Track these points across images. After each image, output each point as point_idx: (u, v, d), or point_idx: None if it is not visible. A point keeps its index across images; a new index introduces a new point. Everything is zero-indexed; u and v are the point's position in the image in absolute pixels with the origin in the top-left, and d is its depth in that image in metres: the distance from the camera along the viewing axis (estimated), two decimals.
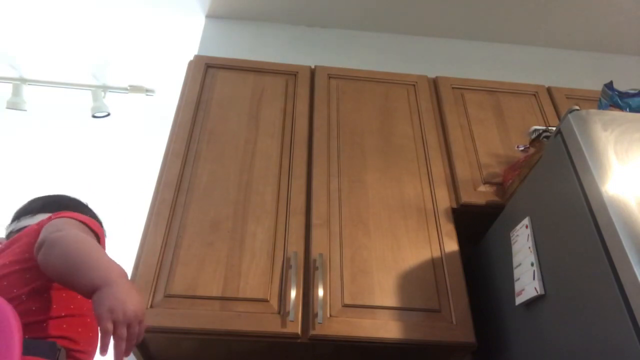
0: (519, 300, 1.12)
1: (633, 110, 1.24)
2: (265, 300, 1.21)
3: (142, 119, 3.07)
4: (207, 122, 1.58)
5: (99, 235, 1.05)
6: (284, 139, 1.57)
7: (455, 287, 1.30)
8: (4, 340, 0.63)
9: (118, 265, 0.88)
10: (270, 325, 1.17)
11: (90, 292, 0.82)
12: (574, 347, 0.93)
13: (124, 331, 0.78)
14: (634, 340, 0.78)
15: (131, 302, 0.81)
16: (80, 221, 1.03)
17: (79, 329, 0.99)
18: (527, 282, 1.09)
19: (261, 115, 1.63)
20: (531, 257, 1.09)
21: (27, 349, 0.79)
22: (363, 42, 2.42)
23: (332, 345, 1.24)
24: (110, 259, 0.90)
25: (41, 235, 0.95)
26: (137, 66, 2.87)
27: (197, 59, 1.79)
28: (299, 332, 1.17)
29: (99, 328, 0.78)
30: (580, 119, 1.02)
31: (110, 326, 0.77)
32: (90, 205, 1.32)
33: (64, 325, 0.96)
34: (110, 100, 3.01)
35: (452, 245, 1.38)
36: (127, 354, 0.81)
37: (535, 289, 1.05)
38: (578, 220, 0.95)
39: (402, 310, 1.24)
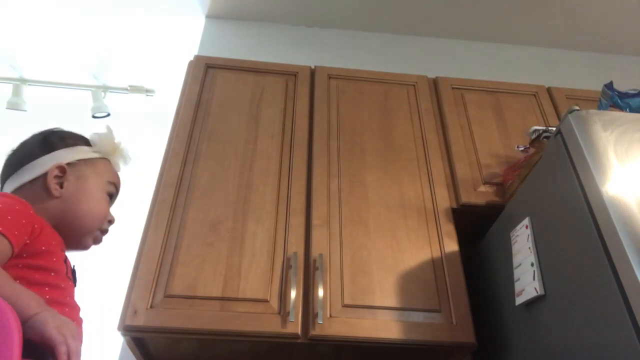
0: (519, 300, 1.12)
1: (633, 110, 1.24)
2: (265, 301, 1.21)
3: (142, 119, 3.06)
4: (207, 122, 1.58)
5: (7, 236, 0.79)
6: (284, 139, 1.57)
7: (455, 287, 1.30)
8: (4, 342, 0.63)
9: (35, 295, 0.77)
10: (270, 325, 1.17)
11: (22, 323, 0.71)
12: (574, 347, 0.93)
13: (77, 344, 0.73)
14: (634, 340, 0.78)
15: (68, 321, 0.76)
16: None
17: None
18: (527, 282, 1.09)
19: (261, 115, 1.63)
20: (531, 258, 1.09)
21: (26, 351, 0.79)
22: (363, 42, 2.42)
23: (332, 345, 1.24)
24: (24, 289, 0.76)
25: None
26: (137, 66, 2.87)
27: (197, 59, 1.79)
28: (299, 332, 1.17)
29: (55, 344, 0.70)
30: (580, 119, 1.02)
31: (62, 339, 0.70)
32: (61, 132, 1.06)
33: None
34: (110, 100, 3.01)
35: (452, 245, 1.38)
36: None
37: (535, 289, 1.05)
38: (578, 220, 0.95)
39: (402, 310, 1.24)
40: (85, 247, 1.04)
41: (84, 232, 1.01)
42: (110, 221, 1.08)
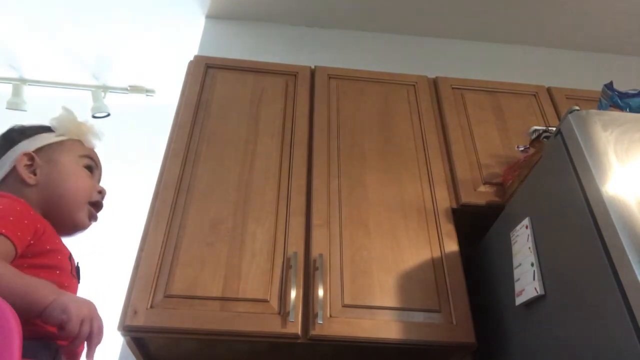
0: (519, 300, 1.12)
1: (633, 110, 1.24)
2: (265, 301, 1.21)
3: (142, 119, 3.06)
4: (207, 123, 1.58)
5: (10, 238, 0.78)
6: (284, 139, 1.57)
7: (455, 287, 1.30)
8: (4, 342, 0.63)
9: (47, 282, 0.78)
10: (271, 325, 1.17)
11: (39, 313, 0.73)
12: (574, 347, 0.93)
13: (97, 326, 0.75)
14: (634, 340, 0.78)
15: (86, 301, 0.77)
16: None
17: None
18: (527, 282, 1.09)
19: (261, 115, 1.63)
20: (531, 258, 1.09)
21: (25, 351, 0.79)
22: (363, 42, 2.42)
23: (332, 345, 1.24)
24: (35, 279, 0.77)
25: None
26: (137, 66, 2.87)
27: (197, 59, 1.79)
28: (299, 332, 1.17)
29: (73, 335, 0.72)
30: (580, 119, 1.02)
31: (77, 328, 0.72)
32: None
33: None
34: (110, 100, 3.01)
35: (452, 245, 1.38)
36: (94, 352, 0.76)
37: (535, 289, 1.05)
38: (578, 220, 0.95)
39: (402, 310, 1.24)
40: (81, 226, 1.02)
41: (73, 210, 0.99)
42: (100, 192, 1.05)
